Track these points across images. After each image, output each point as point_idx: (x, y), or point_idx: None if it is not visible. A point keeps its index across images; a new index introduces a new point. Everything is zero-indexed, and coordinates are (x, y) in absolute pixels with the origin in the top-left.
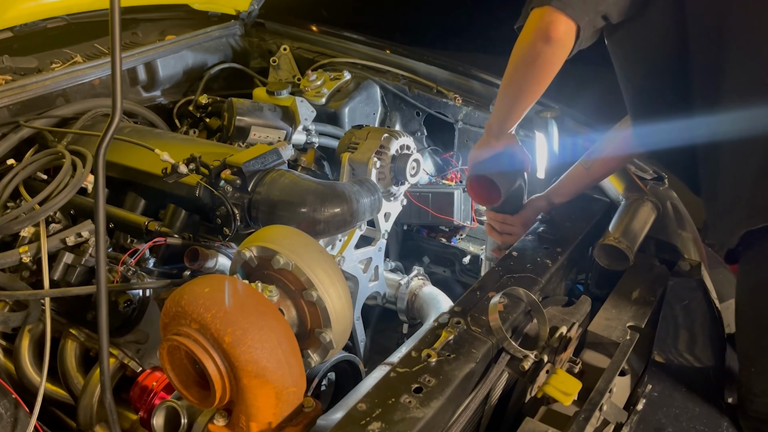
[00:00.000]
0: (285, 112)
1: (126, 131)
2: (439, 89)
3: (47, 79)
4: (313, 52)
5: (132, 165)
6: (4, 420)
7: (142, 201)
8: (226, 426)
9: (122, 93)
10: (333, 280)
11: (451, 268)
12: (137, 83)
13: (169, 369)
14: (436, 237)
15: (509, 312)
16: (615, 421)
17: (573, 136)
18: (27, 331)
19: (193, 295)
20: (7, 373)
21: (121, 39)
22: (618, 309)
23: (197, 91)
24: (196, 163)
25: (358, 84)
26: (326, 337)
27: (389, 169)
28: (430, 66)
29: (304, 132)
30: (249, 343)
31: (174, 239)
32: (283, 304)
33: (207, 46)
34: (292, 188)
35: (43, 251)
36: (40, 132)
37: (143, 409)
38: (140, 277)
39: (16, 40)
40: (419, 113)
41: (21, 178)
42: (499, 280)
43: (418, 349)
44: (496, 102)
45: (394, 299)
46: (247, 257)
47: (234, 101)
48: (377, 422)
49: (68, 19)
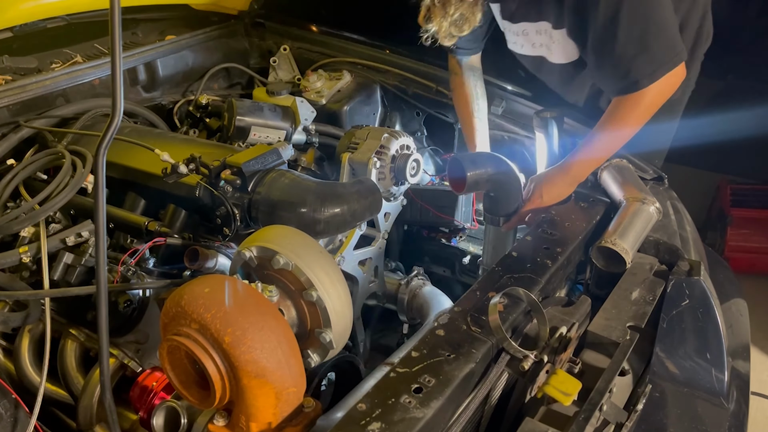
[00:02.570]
0: (285, 112)
1: (126, 131)
2: (439, 89)
3: (47, 79)
4: (313, 52)
5: (132, 165)
6: (4, 420)
7: (142, 201)
8: (226, 426)
9: (122, 93)
10: (333, 280)
11: (451, 268)
12: (137, 83)
13: (169, 369)
14: (436, 237)
15: (509, 312)
16: (615, 421)
17: (573, 136)
18: (27, 331)
19: (193, 295)
20: (7, 373)
21: (121, 39)
22: (618, 309)
23: (197, 91)
24: (196, 163)
25: (358, 84)
26: (326, 337)
27: (389, 169)
28: (430, 66)
29: (304, 132)
30: (249, 344)
31: (174, 239)
32: (283, 304)
33: (207, 46)
34: (292, 188)
35: (43, 251)
36: (40, 132)
37: (143, 409)
38: (140, 277)
39: (16, 40)
40: (419, 113)
41: (21, 178)
42: (499, 280)
43: (419, 349)
44: (592, 155)
45: (394, 299)
46: (247, 257)
47: (234, 101)
48: (377, 422)
49: (68, 19)
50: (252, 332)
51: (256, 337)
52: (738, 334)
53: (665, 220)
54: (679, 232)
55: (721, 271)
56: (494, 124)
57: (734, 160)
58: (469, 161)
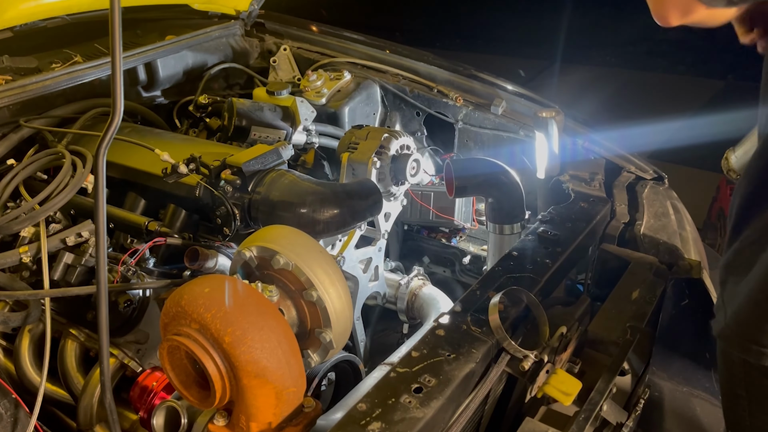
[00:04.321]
0: (285, 112)
1: (126, 131)
2: (439, 89)
3: (47, 79)
4: (313, 52)
5: (132, 165)
6: (4, 420)
7: (142, 201)
8: (226, 426)
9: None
10: (333, 280)
11: (451, 268)
12: (137, 83)
13: (169, 369)
14: (436, 237)
15: (509, 312)
16: (615, 421)
17: (573, 136)
18: (27, 331)
19: (193, 295)
20: (7, 373)
21: (121, 39)
22: (618, 309)
23: (197, 91)
24: (196, 163)
25: (358, 84)
26: (326, 337)
27: (389, 169)
28: (430, 66)
29: (304, 132)
30: (249, 343)
31: (174, 239)
32: (283, 304)
33: (207, 46)
34: (291, 188)
35: (43, 251)
36: (40, 132)
37: (143, 409)
38: (140, 277)
39: (16, 40)
40: (419, 113)
41: (21, 178)
42: (499, 280)
43: (418, 349)
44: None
45: (394, 299)
46: (247, 257)
47: (234, 101)
48: (377, 422)
49: (68, 19)
50: (252, 332)
51: (256, 337)
52: None
53: (665, 220)
54: (679, 232)
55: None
56: (494, 123)
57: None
58: (460, 167)
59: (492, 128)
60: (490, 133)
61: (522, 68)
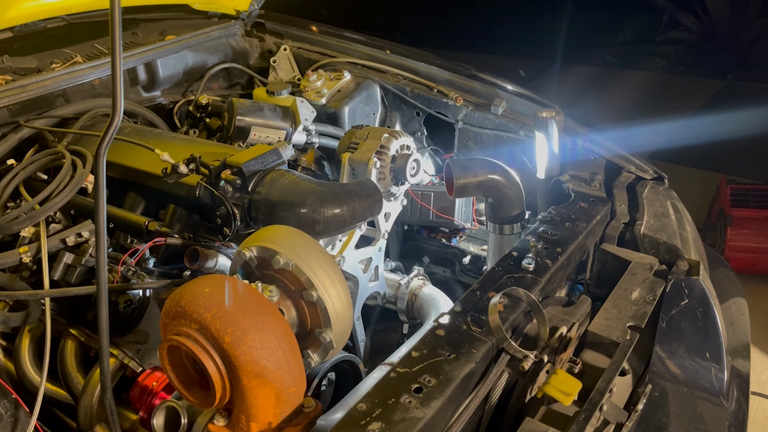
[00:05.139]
0: (285, 112)
1: (126, 131)
2: (439, 89)
3: (47, 79)
4: (313, 52)
5: (132, 165)
6: (4, 420)
7: (142, 201)
8: (226, 426)
9: (122, 93)
10: (333, 280)
11: (451, 268)
12: (137, 83)
13: (169, 369)
14: (436, 237)
15: (509, 312)
16: (615, 421)
17: (573, 136)
18: (27, 331)
19: (193, 295)
20: (7, 373)
21: (121, 39)
22: (618, 309)
23: (197, 91)
24: (196, 163)
25: (358, 84)
26: (326, 337)
27: (389, 169)
28: (430, 66)
29: (304, 132)
30: (249, 343)
31: (174, 239)
32: (283, 304)
33: (207, 46)
34: (292, 189)
35: (43, 251)
36: (40, 132)
37: (143, 409)
38: (140, 277)
39: (16, 40)
40: (419, 113)
41: (21, 178)
42: (499, 280)
43: (418, 349)
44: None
45: (394, 299)
46: (247, 257)
47: (234, 101)
48: (377, 422)
49: (68, 19)
50: (252, 332)
51: (256, 337)
52: (738, 332)
53: (665, 220)
54: (679, 232)
55: (721, 270)
56: (494, 124)
57: (734, 160)
58: (460, 167)
59: (492, 128)
60: (490, 133)
61: (522, 68)
